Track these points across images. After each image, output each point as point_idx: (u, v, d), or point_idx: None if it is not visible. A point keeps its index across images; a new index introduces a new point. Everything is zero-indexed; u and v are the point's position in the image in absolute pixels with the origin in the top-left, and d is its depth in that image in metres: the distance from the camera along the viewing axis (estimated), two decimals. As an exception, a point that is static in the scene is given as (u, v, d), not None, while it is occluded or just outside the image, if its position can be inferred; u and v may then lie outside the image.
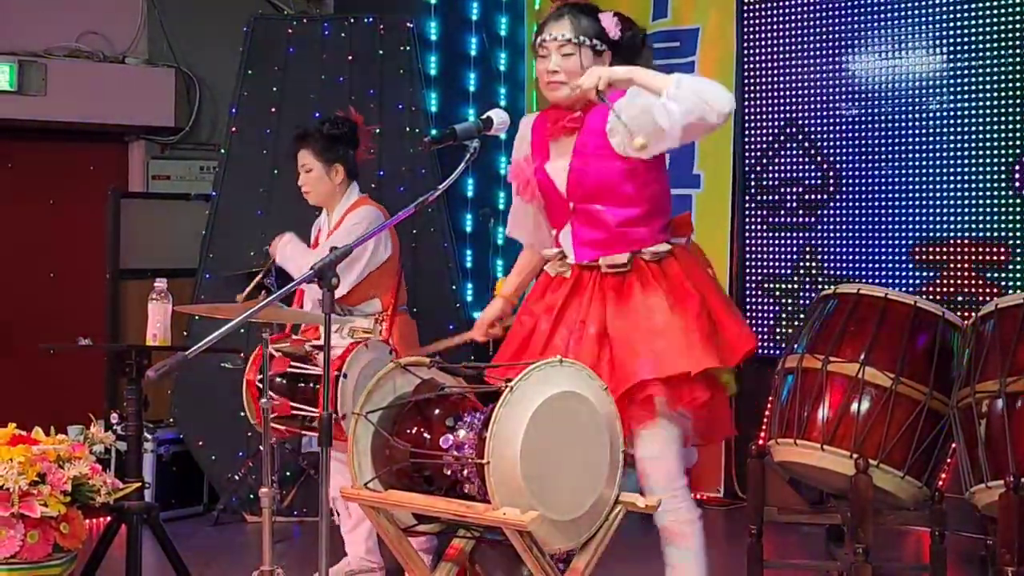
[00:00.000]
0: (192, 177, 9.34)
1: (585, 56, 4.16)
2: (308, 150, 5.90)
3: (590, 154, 4.19)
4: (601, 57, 4.20)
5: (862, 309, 5.41)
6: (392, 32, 7.89)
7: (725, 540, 6.99)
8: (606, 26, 4.21)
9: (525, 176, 4.35)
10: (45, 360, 8.08)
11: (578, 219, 4.27)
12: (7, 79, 8.60)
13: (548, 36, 4.20)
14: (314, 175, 5.91)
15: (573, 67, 4.15)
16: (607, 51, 4.23)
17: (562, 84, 4.18)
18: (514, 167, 4.44)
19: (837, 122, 7.75)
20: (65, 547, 4.30)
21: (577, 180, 4.22)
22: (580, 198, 4.24)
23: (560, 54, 4.17)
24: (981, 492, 4.94)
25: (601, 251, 4.21)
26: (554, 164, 4.31)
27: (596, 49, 4.18)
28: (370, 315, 5.79)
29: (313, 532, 6.98)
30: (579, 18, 4.20)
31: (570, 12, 4.23)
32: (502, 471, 3.62)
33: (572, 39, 4.15)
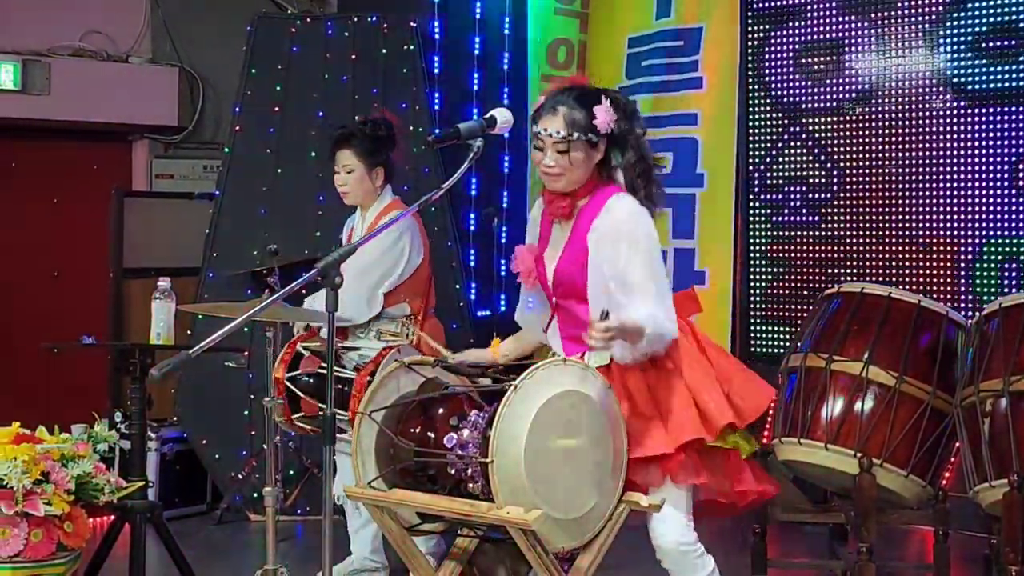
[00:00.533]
0: (196, 176, 9.34)
1: (580, 149, 4.13)
2: (351, 151, 5.85)
3: (576, 252, 4.16)
4: (596, 148, 4.16)
5: (866, 308, 5.41)
6: (395, 31, 7.89)
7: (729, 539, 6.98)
8: (599, 120, 4.15)
9: (528, 266, 4.30)
10: (49, 359, 8.10)
11: (561, 313, 4.26)
12: (11, 78, 8.61)
13: (543, 131, 4.14)
14: (356, 176, 5.86)
15: (569, 163, 4.10)
16: (601, 142, 4.17)
17: (559, 176, 4.15)
18: (519, 256, 4.35)
19: (841, 121, 7.75)
20: (69, 546, 4.31)
21: (560, 277, 4.20)
22: (561, 295, 4.22)
23: (555, 151, 4.12)
24: (985, 491, 4.94)
25: (585, 348, 4.14)
26: (549, 255, 4.29)
27: (591, 142, 4.15)
28: (398, 318, 5.78)
29: (316, 531, 6.97)
30: (573, 113, 4.14)
31: (565, 106, 4.17)
32: (506, 470, 3.63)
33: (566, 135, 4.12)
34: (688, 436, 4.02)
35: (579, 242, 4.15)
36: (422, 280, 5.88)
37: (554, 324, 4.31)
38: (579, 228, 4.17)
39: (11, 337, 8.89)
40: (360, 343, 5.71)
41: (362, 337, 5.74)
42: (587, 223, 4.14)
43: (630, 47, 8.39)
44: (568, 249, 4.19)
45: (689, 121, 7.99)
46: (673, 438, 4.02)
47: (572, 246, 4.18)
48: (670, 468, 4.03)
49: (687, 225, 7.95)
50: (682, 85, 8.06)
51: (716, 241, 7.91)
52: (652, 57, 8.19)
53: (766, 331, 8.04)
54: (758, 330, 8.10)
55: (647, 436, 4.02)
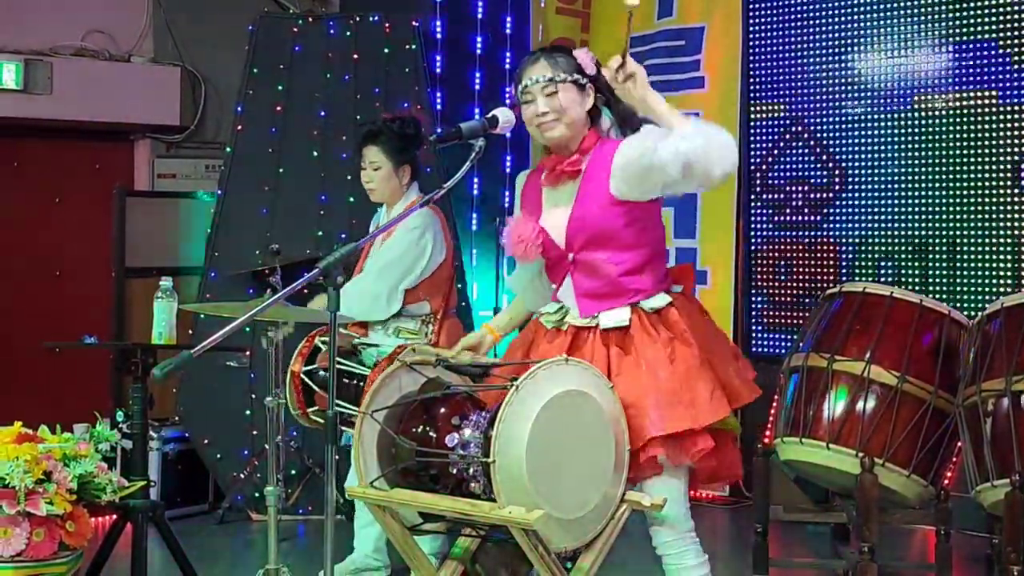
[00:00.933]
0: (198, 176, 9.34)
1: (569, 90, 4.12)
2: (379, 148, 5.84)
3: (592, 201, 4.11)
4: (584, 91, 4.13)
5: (868, 308, 5.41)
6: (398, 31, 7.89)
7: (731, 539, 7.00)
8: (581, 62, 4.16)
9: (527, 238, 4.17)
10: (50, 358, 8.10)
11: (578, 270, 4.17)
12: (13, 78, 8.61)
13: (529, 81, 4.11)
14: (382, 173, 5.86)
15: (560, 104, 4.10)
16: (590, 85, 4.15)
17: (555, 122, 4.13)
18: (515, 226, 4.23)
19: (843, 120, 7.75)
20: (71, 545, 4.30)
21: (577, 228, 4.13)
22: (580, 247, 4.14)
23: (544, 95, 4.11)
24: (987, 491, 4.94)
25: (603, 302, 4.13)
26: (549, 216, 4.22)
27: (579, 84, 4.13)
28: (417, 316, 5.79)
29: (318, 531, 6.99)
30: (554, 58, 4.15)
31: (544, 54, 4.18)
32: (508, 470, 3.62)
33: (553, 77, 4.11)
34: (717, 416, 4.01)
35: (596, 189, 4.09)
36: (443, 279, 5.87)
37: (567, 284, 4.23)
38: (593, 175, 4.11)
39: (13, 336, 8.89)
40: (378, 339, 5.72)
41: (380, 333, 5.75)
42: (603, 168, 4.09)
43: (632, 47, 8.32)
44: (582, 199, 4.13)
45: (691, 121, 7.98)
46: (701, 414, 4.00)
47: (588, 196, 4.12)
48: (694, 448, 4.01)
49: (689, 225, 7.96)
50: (684, 85, 8.06)
51: (718, 241, 7.91)
52: (654, 57, 8.19)
53: (768, 330, 8.05)
54: (759, 329, 8.10)
55: (672, 411, 3.98)
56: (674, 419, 3.97)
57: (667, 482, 4.06)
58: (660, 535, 4.11)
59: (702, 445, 4.00)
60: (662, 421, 3.96)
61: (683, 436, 3.99)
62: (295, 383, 5.46)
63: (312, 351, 5.53)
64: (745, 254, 8.10)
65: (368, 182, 5.89)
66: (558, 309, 4.23)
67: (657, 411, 3.96)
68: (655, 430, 3.95)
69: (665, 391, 3.99)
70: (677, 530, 4.10)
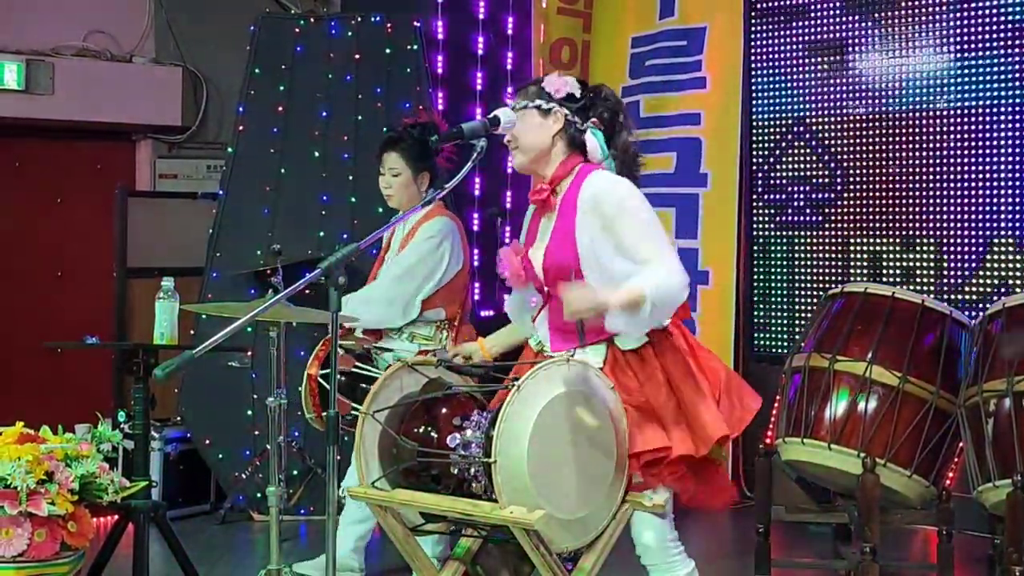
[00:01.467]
0: (199, 176, 9.35)
1: (530, 117, 4.12)
2: (399, 154, 5.83)
3: (563, 237, 4.08)
4: (550, 115, 4.13)
5: (869, 308, 5.41)
6: (399, 31, 7.88)
7: (733, 540, 6.99)
8: (547, 85, 4.15)
9: (514, 267, 4.22)
10: (52, 358, 8.11)
11: (553, 304, 4.15)
12: (15, 78, 8.62)
13: (506, 124, 4.13)
14: (402, 180, 5.84)
15: (521, 129, 4.10)
16: (557, 109, 4.12)
17: (515, 151, 4.13)
18: (504, 258, 4.27)
19: (844, 121, 7.75)
20: (72, 545, 4.31)
21: (549, 264, 4.12)
22: (551, 283, 4.12)
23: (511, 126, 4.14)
24: (988, 491, 4.94)
25: (573, 342, 4.12)
26: (536, 247, 4.22)
27: (541, 108, 4.12)
28: (432, 322, 5.78)
29: (320, 531, 6.99)
30: (524, 89, 4.19)
31: (515, 91, 4.25)
32: (509, 470, 3.62)
33: (517, 107, 4.13)
34: (719, 434, 4.00)
35: (566, 225, 4.08)
36: (459, 287, 5.86)
37: (543, 316, 4.25)
38: (564, 212, 4.10)
39: (15, 336, 8.89)
40: (394, 344, 5.72)
41: (395, 339, 5.74)
42: (571, 205, 4.07)
43: (633, 47, 8.39)
44: (555, 235, 4.12)
45: (692, 121, 7.99)
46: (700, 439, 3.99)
47: (559, 231, 4.11)
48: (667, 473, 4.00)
49: (690, 225, 7.95)
50: (685, 85, 8.06)
51: (719, 241, 7.90)
52: (655, 57, 8.19)
53: (769, 331, 8.05)
54: (761, 330, 8.10)
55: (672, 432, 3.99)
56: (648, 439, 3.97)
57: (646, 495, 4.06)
58: (644, 547, 4.10)
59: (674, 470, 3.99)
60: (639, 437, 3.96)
61: (654, 462, 3.98)
62: (311, 386, 5.45)
63: (329, 354, 5.51)
64: (747, 254, 8.09)
65: (387, 188, 5.87)
66: (537, 341, 4.26)
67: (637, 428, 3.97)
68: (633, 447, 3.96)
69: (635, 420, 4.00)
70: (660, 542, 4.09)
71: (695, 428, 4.01)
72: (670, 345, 4.12)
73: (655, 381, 4.05)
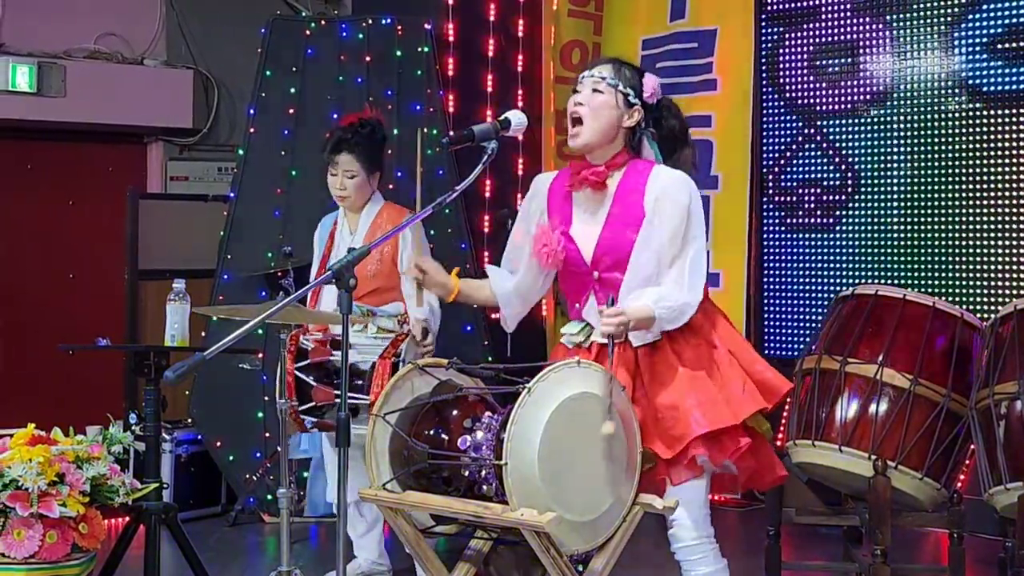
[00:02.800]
0: (210, 178, 9.36)
1: (616, 100, 4.11)
2: (353, 155, 5.87)
3: (624, 224, 4.11)
4: (631, 110, 4.15)
5: (880, 310, 5.40)
6: (410, 33, 7.89)
7: (743, 542, 6.98)
8: (646, 84, 4.18)
9: (552, 246, 4.18)
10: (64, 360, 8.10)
11: (602, 288, 4.16)
12: (27, 81, 8.63)
13: (587, 73, 4.15)
14: (357, 181, 5.89)
15: (599, 103, 4.10)
16: (638, 107, 4.16)
17: (580, 127, 4.11)
18: (541, 234, 4.23)
19: (856, 123, 7.74)
20: (84, 547, 4.31)
21: (606, 249, 4.13)
22: (606, 267, 4.15)
23: (591, 88, 4.12)
24: (1000, 494, 4.93)
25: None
26: (579, 230, 4.21)
27: (628, 99, 4.13)
28: (393, 316, 5.80)
29: (331, 533, 6.99)
30: (622, 67, 4.18)
31: (614, 61, 4.21)
32: (520, 472, 3.62)
33: (608, 79, 4.11)
34: (754, 409, 4.05)
35: (628, 212, 4.10)
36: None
37: (591, 303, 4.24)
38: (624, 199, 4.12)
39: (26, 338, 8.91)
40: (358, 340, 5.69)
41: (357, 332, 5.70)
42: (637, 192, 4.10)
43: (644, 49, 8.38)
44: (614, 222, 4.13)
45: (704, 123, 7.98)
46: (738, 408, 4.04)
47: (617, 218, 4.12)
48: (734, 449, 4.03)
49: (701, 227, 7.94)
50: (696, 87, 8.05)
51: (730, 243, 7.90)
52: (666, 59, 8.18)
53: (780, 333, 8.04)
54: (772, 332, 8.09)
55: (710, 410, 4.02)
56: (715, 416, 3.98)
57: (692, 485, 4.06)
58: (679, 539, 4.11)
59: (740, 444, 4.02)
60: (705, 418, 3.97)
61: (723, 435, 4.00)
62: (288, 381, 5.41)
63: (299, 351, 5.49)
64: (758, 256, 8.08)
65: (341, 189, 5.92)
66: (582, 328, 4.25)
67: (700, 409, 3.99)
68: (699, 428, 3.97)
69: (703, 391, 4.01)
70: (697, 535, 4.10)
71: (760, 382, 4.08)
72: (712, 309, 4.22)
73: (710, 342, 4.12)
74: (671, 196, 4.06)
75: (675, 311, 4.00)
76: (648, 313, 3.93)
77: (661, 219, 4.05)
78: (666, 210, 4.05)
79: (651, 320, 3.95)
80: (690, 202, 4.09)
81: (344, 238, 5.98)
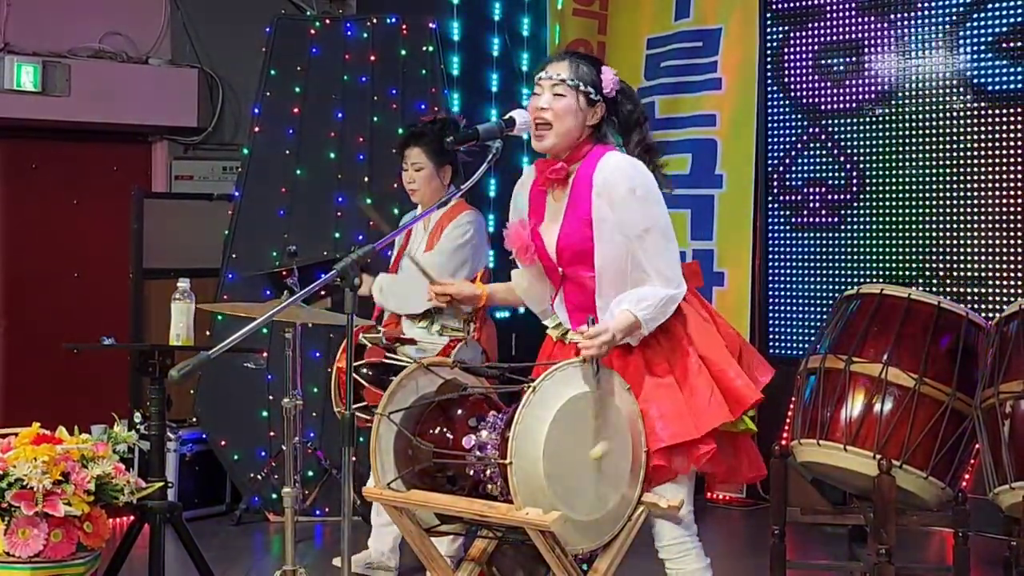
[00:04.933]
0: (215, 177, 9.36)
1: (576, 98, 4.09)
2: (421, 148, 5.93)
3: (578, 218, 4.09)
4: (594, 108, 4.12)
5: (885, 309, 5.39)
6: (414, 32, 7.89)
7: (748, 541, 6.98)
8: (604, 79, 4.14)
9: (524, 242, 4.21)
10: (69, 359, 8.11)
11: (568, 284, 4.18)
12: (31, 80, 8.63)
13: (544, 74, 4.10)
14: (425, 173, 5.93)
15: (563, 108, 4.05)
16: (600, 103, 4.12)
17: (547, 130, 4.06)
18: (512, 232, 4.26)
19: (860, 122, 7.73)
20: (88, 546, 4.32)
21: (564, 245, 4.12)
22: (567, 263, 4.14)
23: (552, 92, 4.08)
24: (1005, 493, 4.92)
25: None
26: (547, 227, 4.21)
27: (590, 98, 4.10)
28: (460, 316, 5.80)
29: (335, 532, 7.00)
30: (578, 63, 4.12)
31: (570, 56, 4.15)
32: (525, 471, 3.62)
33: (567, 80, 4.08)
34: (718, 421, 4.02)
35: (581, 205, 4.08)
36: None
37: (560, 296, 4.25)
38: (578, 192, 4.10)
39: (32, 337, 8.92)
40: (418, 334, 5.72)
41: (423, 330, 5.74)
42: (586, 184, 4.07)
43: (649, 48, 8.38)
44: (569, 215, 4.12)
45: (708, 122, 7.99)
46: (700, 421, 4.01)
47: (573, 212, 4.11)
48: (697, 456, 4.02)
49: (706, 226, 7.94)
50: (701, 86, 8.05)
51: (735, 242, 7.90)
52: (671, 58, 8.18)
53: (785, 332, 8.04)
54: (777, 331, 8.09)
55: (673, 422, 4.00)
56: (677, 429, 3.98)
57: (671, 487, 4.06)
58: (662, 537, 4.11)
59: (704, 450, 4.01)
60: (664, 431, 3.98)
61: (684, 446, 4.00)
62: (340, 379, 5.44)
63: (357, 348, 5.51)
64: (762, 256, 8.08)
65: (411, 182, 5.96)
66: (557, 324, 4.26)
67: (662, 421, 3.98)
68: (657, 442, 3.98)
69: (668, 401, 4.01)
70: (679, 533, 4.09)
71: (729, 392, 4.04)
72: (691, 309, 4.15)
73: (681, 349, 4.07)
74: (611, 187, 4.02)
75: (658, 308, 3.98)
76: (630, 320, 3.92)
77: (611, 211, 4.01)
78: (612, 203, 4.01)
79: (637, 325, 3.94)
80: (634, 188, 4.02)
81: (417, 234, 6.01)
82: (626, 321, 3.92)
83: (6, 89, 8.56)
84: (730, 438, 4.11)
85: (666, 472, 4.01)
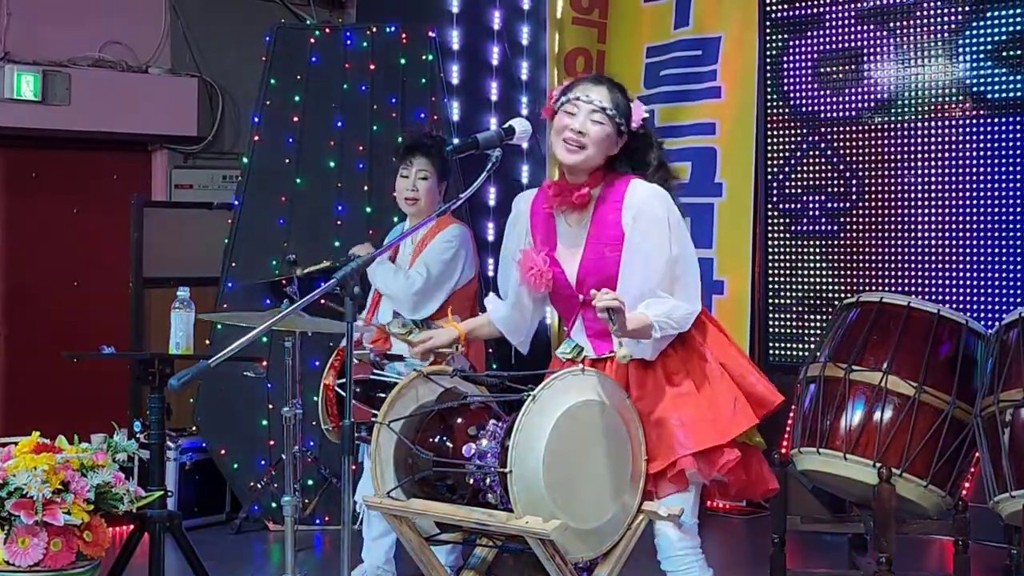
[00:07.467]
0: (215, 186, 9.38)
1: (610, 128, 4.09)
2: (429, 159, 5.88)
3: (603, 244, 4.10)
4: (619, 138, 4.12)
5: (885, 317, 5.40)
6: (414, 41, 7.89)
7: (748, 549, 6.98)
8: (633, 112, 4.15)
9: (539, 268, 4.17)
10: (68, 368, 8.11)
11: (588, 311, 4.10)
12: (31, 89, 8.64)
13: (584, 96, 4.07)
14: (429, 184, 5.87)
15: (598, 135, 4.05)
16: (625, 134, 4.14)
17: (580, 149, 4.06)
18: (526, 259, 4.21)
19: (860, 130, 7.73)
20: (88, 555, 4.31)
21: (588, 271, 4.12)
22: (588, 289, 4.08)
23: (590, 119, 4.08)
24: (1005, 501, 4.93)
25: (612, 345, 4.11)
26: (564, 252, 4.20)
27: (619, 129, 4.12)
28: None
29: (335, 541, 6.99)
30: (616, 93, 4.13)
31: (609, 84, 4.15)
32: (525, 480, 3.63)
33: (606, 108, 4.09)
34: (745, 426, 4.04)
35: (606, 231, 4.10)
36: (471, 294, 5.89)
37: (578, 323, 4.25)
38: (602, 217, 4.11)
39: (32, 346, 8.92)
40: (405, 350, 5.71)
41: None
42: (613, 210, 4.09)
43: (648, 56, 8.39)
44: (592, 241, 4.13)
45: (707, 131, 7.99)
46: (726, 427, 4.02)
47: (599, 235, 4.12)
48: (721, 461, 4.02)
49: (705, 235, 7.94)
50: (700, 95, 8.05)
51: (734, 251, 7.90)
52: (670, 67, 8.18)
53: (784, 340, 8.03)
54: (776, 339, 8.09)
55: (697, 429, 4.00)
56: (700, 437, 3.98)
57: (678, 497, 4.06)
58: (665, 549, 4.10)
59: (729, 457, 4.01)
60: (689, 438, 3.97)
61: (711, 451, 3.99)
62: (328, 395, 5.42)
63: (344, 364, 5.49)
64: (762, 264, 8.08)
65: (412, 190, 5.84)
66: (572, 347, 4.25)
67: (683, 430, 3.98)
68: (682, 449, 3.96)
69: (689, 409, 4.01)
70: (683, 545, 4.08)
71: (751, 396, 4.07)
72: (705, 320, 4.18)
73: (700, 355, 4.09)
74: (648, 213, 4.05)
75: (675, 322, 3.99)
76: (645, 321, 3.92)
77: (644, 238, 4.03)
78: (646, 229, 4.03)
79: (647, 326, 3.93)
80: (668, 215, 4.06)
81: (405, 247, 5.95)
82: (640, 320, 3.92)
83: (6, 98, 8.58)
84: (743, 451, 4.10)
85: (683, 481, 4.01)
